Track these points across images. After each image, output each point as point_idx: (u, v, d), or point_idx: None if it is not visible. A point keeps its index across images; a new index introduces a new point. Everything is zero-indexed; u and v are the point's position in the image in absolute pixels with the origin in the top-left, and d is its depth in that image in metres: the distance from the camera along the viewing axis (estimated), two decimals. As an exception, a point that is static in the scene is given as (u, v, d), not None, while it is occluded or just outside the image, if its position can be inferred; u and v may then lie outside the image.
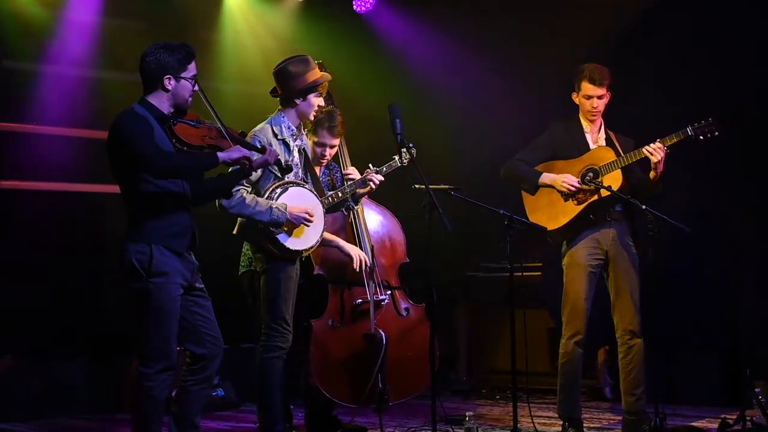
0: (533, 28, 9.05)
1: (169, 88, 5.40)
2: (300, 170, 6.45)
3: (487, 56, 9.26)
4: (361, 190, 6.78)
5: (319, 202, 6.41)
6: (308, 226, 6.26)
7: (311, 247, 6.36)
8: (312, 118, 6.54)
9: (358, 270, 6.96)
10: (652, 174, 6.73)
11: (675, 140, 6.67)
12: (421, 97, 9.39)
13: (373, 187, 6.78)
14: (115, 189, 5.50)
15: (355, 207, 6.96)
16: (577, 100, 6.92)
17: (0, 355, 8.08)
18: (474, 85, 9.41)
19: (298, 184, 6.30)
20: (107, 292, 8.38)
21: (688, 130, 6.66)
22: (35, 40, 8.37)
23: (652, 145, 6.65)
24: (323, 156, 6.90)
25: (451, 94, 9.56)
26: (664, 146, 6.65)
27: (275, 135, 6.31)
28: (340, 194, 6.68)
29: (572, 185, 6.75)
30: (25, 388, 8.10)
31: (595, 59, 7.00)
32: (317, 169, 6.98)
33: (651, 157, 6.65)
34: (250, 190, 6.12)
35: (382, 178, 6.81)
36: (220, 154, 5.38)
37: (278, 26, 9.57)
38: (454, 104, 9.56)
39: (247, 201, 6.04)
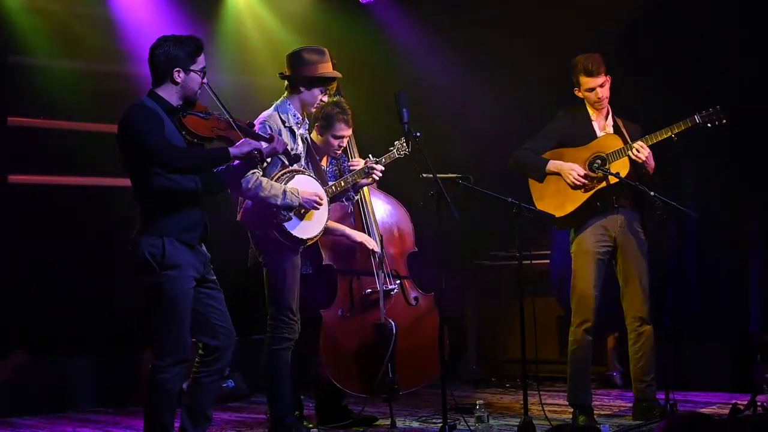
0: (538, 17, 9.03)
1: (179, 80, 5.41)
2: (302, 158, 6.44)
3: (491, 48, 9.24)
4: (364, 181, 6.77)
5: (323, 190, 6.40)
6: (318, 209, 6.26)
7: (316, 236, 6.35)
8: (313, 110, 6.54)
9: (371, 251, 6.97)
10: (643, 171, 6.73)
11: (682, 128, 6.68)
12: (426, 89, 9.36)
13: (376, 178, 6.77)
14: (124, 182, 5.51)
15: (355, 197, 6.94)
16: (580, 95, 6.92)
17: (11, 351, 8.11)
18: (478, 78, 9.38)
19: (303, 172, 6.30)
20: (118, 287, 8.38)
21: (696, 118, 6.67)
22: (41, 35, 8.37)
23: (635, 144, 6.66)
24: (340, 147, 6.90)
25: (455, 86, 9.54)
26: (647, 144, 6.67)
27: (283, 122, 6.30)
28: (342, 183, 6.68)
29: (578, 179, 6.74)
30: (37, 383, 8.12)
31: (600, 48, 7.00)
32: (325, 160, 6.99)
33: (636, 159, 6.66)
34: (261, 174, 6.11)
35: (383, 168, 6.81)
36: (231, 150, 5.38)
37: (282, 17, 9.55)
38: (459, 96, 9.53)
39: (263, 185, 6.03)
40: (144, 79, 5.57)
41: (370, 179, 6.76)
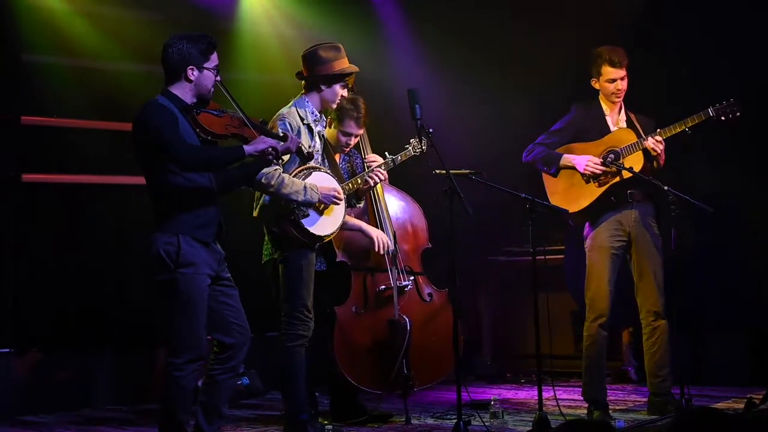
0: (545, 9, 9.01)
1: (192, 78, 5.42)
2: (319, 156, 6.43)
3: (498, 42, 9.22)
4: (363, 187, 6.75)
5: (340, 186, 6.39)
6: (337, 204, 6.26)
7: (332, 233, 6.35)
8: (334, 107, 6.52)
9: (380, 253, 6.97)
10: (654, 164, 6.74)
11: (696, 121, 6.67)
12: (434, 83, 9.34)
13: (371, 184, 6.74)
14: (139, 180, 5.52)
15: (358, 205, 6.91)
16: (597, 86, 6.91)
17: (26, 350, 8.12)
18: (486, 71, 9.35)
19: (320, 169, 6.30)
20: (132, 284, 8.40)
21: (710, 111, 6.67)
22: (54, 34, 8.38)
23: (652, 139, 6.65)
24: (347, 145, 6.90)
25: (462, 81, 9.52)
26: (663, 138, 6.66)
27: (301, 119, 6.30)
28: (359, 180, 6.67)
29: (595, 169, 6.73)
30: (52, 381, 8.13)
31: (610, 41, 6.99)
32: (337, 156, 6.98)
33: (652, 152, 6.66)
34: (281, 170, 6.12)
35: (384, 174, 6.78)
36: (246, 147, 5.40)
37: (296, 14, 9.54)
38: (466, 91, 9.51)
39: (285, 181, 6.04)
40: (158, 77, 5.57)
41: (368, 185, 6.71)
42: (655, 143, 6.66)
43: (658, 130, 6.74)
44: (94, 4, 8.50)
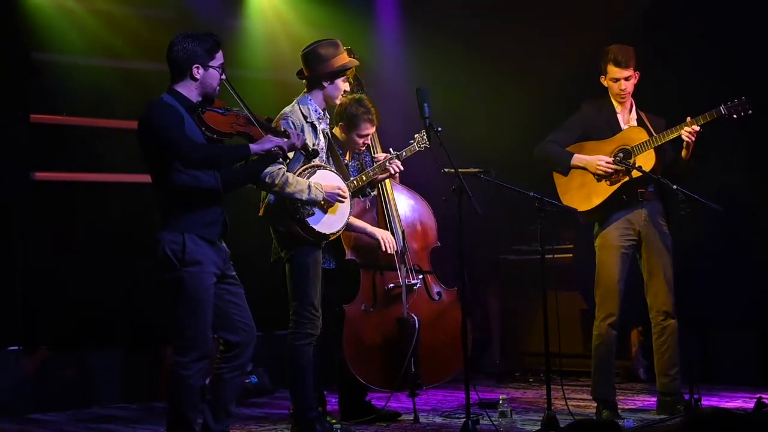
0: (557, 6, 8.99)
1: (198, 77, 5.42)
2: (323, 154, 6.43)
3: (505, 39, 9.20)
4: (381, 176, 6.75)
5: (345, 184, 6.38)
6: (342, 203, 6.24)
7: (338, 231, 6.34)
8: (337, 102, 6.52)
9: (386, 253, 6.96)
10: (683, 153, 6.71)
11: (708, 119, 6.64)
12: (444, 81, 9.32)
13: (392, 173, 6.74)
14: (148, 179, 5.51)
15: (372, 192, 6.91)
16: (605, 84, 6.89)
17: (35, 347, 8.13)
18: (493, 68, 9.34)
19: (324, 167, 6.28)
20: (141, 282, 8.39)
21: (721, 109, 6.62)
22: (63, 32, 8.38)
23: (687, 128, 6.61)
24: (364, 145, 6.91)
25: (471, 79, 9.50)
26: (698, 126, 6.62)
27: (305, 117, 6.30)
28: (364, 178, 6.67)
29: (607, 166, 6.71)
30: (60, 379, 8.14)
31: (621, 38, 6.97)
32: (348, 155, 6.98)
33: (686, 139, 6.63)
34: (286, 169, 6.12)
35: (399, 163, 6.78)
36: (252, 146, 5.40)
37: (305, 12, 9.53)
38: (477, 89, 9.50)
39: (289, 180, 6.03)
40: (167, 76, 5.57)
41: (386, 174, 6.74)
42: (692, 131, 6.62)
43: (688, 119, 6.68)
44: (103, 2, 8.50)
